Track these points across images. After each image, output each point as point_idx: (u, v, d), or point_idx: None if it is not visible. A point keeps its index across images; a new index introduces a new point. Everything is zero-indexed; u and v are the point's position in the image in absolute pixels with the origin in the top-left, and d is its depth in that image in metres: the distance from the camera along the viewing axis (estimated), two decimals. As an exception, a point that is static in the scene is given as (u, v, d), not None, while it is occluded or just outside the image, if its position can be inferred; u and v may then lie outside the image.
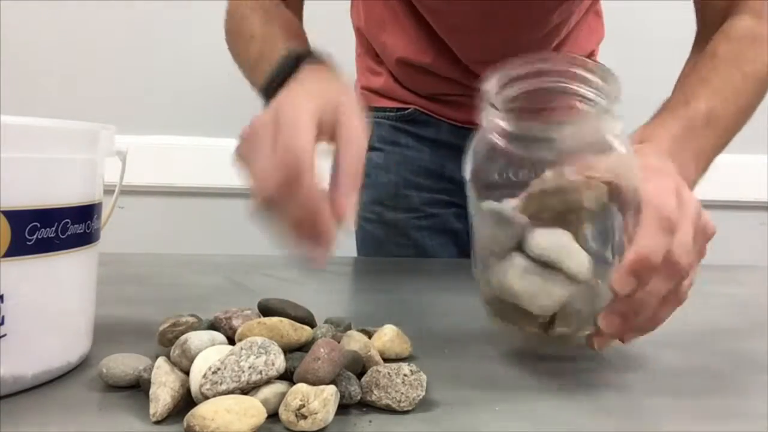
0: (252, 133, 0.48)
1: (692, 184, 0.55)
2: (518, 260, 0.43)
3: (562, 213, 0.43)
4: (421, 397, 0.38)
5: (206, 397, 0.35)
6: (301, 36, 0.73)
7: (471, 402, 0.40)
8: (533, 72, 0.44)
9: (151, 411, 0.36)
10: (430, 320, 0.60)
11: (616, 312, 0.43)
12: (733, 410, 0.41)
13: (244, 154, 0.48)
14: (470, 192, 0.46)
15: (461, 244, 0.97)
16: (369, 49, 0.99)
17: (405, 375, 0.39)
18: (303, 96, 0.49)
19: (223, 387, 0.35)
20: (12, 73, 1.42)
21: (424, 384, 0.39)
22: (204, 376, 0.36)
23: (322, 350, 0.37)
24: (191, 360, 0.38)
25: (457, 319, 0.60)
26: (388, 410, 0.38)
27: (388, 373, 0.39)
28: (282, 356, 0.37)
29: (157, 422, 0.36)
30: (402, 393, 0.38)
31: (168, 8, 1.47)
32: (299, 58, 0.58)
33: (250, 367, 0.35)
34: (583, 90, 0.44)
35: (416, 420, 0.38)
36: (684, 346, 0.54)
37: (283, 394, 0.36)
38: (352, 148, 0.46)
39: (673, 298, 0.45)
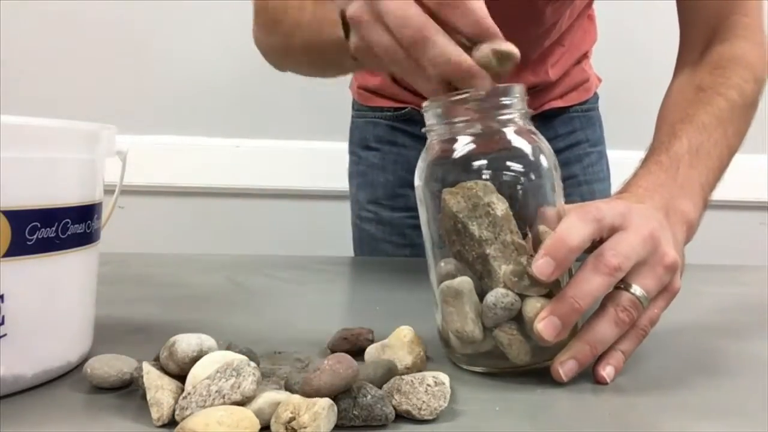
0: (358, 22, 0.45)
1: (691, 219, 0.53)
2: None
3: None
4: (443, 407, 0.38)
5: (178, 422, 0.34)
6: None
7: (471, 402, 0.40)
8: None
9: (155, 415, 0.35)
10: (430, 320, 0.60)
11: (553, 313, 0.41)
12: (732, 410, 0.41)
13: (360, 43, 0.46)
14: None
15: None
16: None
17: (429, 385, 0.38)
18: None
19: (188, 412, 0.34)
20: (12, 73, 1.42)
21: (447, 396, 0.38)
22: (177, 402, 0.35)
23: (327, 362, 0.36)
24: (177, 363, 0.38)
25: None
26: (407, 417, 0.37)
27: (411, 381, 0.38)
28: (253, 378, 0.35)
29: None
30: (424, 401, 0.37)
31: (169, 8, 1.47)
32: None
33: (216, 391, 0.35)
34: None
35: (415, 420, 0.38)
36: (683, 345, 0.54)
37: (278, 405, 0.36)
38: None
39: (620, 315, 0.43)
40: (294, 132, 1.51)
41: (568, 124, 0.98)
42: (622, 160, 1.06)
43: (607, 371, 0.44)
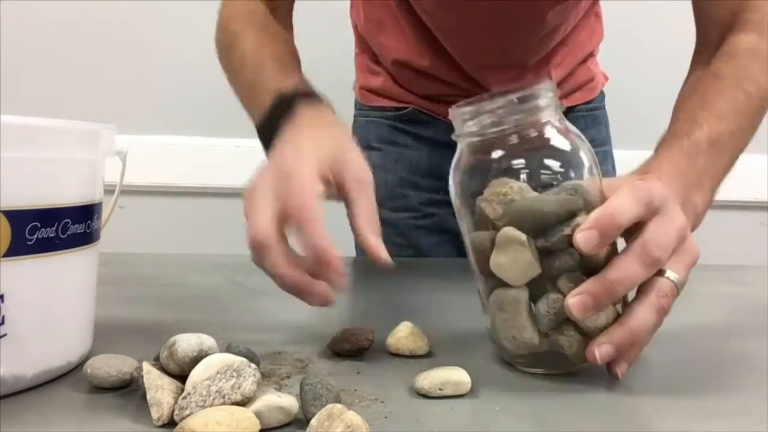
0: (253, 188, 0.50)
1: (699, 213, 0.53)
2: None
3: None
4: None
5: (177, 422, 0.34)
6: (293, 65, 0.72)
7: (471, 402, 0.40)
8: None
9: (155, 415, 0.35)
10: (429, 319, 0.60)
11: (588, 292, 0.41)
12: (732, 410, 0.41)
13: (246, 209, 0.50)
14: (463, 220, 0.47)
15: (459, 243, 0.97)
16: (367, 49, 0.99)
17: None
18: (306, 148, 0.52)
19: (187, 412, 0.34)
20: (12, 73, 1.42)
21: None
22: (177, 402, 0.35)
23: None
24: (178, 363, 0.38)
25: (456, 318, 0.60)
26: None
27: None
28: (253, 379, 0.35)
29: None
30: None
31: (169, 8, 1.47)
32: (293, 99, 0.59)
33: (216, 391, 0.35)
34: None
35: (415, 419, 0.38)
36: (683, 345, 0.54)
37: (278, 408, 0.36)
38: (365, 196, 0.51)
39: (654, 301, 0.43)
40: (294, 132, 1.51)
41: (573, 124, 0.98)
42: (628, 160, 1.05)
43: (621, 367, 0.43)
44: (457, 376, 0.41)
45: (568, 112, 0.97)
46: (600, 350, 0.42)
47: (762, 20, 0.67)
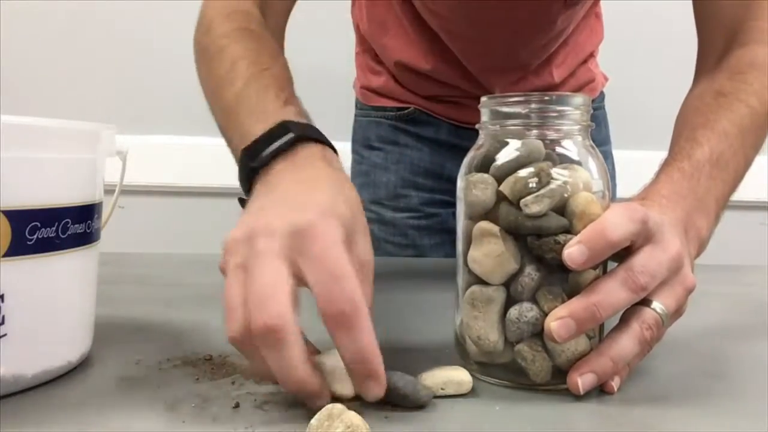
0: (249, 236, 0.39)
1: (704, 236, 0.52)
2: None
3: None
4: None
5: None
6: (292, 94, 0.59)
7: (471, 402, 0.40)
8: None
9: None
10: (429, 319, 0.60)
11: (571, 315, 0.40)
12: (733, 410, 0.41)
13: (246, 261, 0.39)
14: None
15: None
16: (368, 49, 0.99)
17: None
18: (322, 201, 0.41)
19: None
20: (12, 73, 1.42)
21: None
22: None
23: None
24: None
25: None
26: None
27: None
28: None
29: (153, 422, 0.36)
30: None
31: (168, 7, 1.47)
32: (296, 136, 0.48)
33: None
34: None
35: (416, 419, 0.38)
36: (683, 345, 0.54)
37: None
38: (367, 283, 0.40)
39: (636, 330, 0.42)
40: (294, 132, 1.50)
41: None
42: (628, 160, 1.05)
43: (615, 381, 0.43)
44: (458, 376, 0.41)
45: None
46: (582, 379, 0.41)
47: (765, 32, 0.65)
